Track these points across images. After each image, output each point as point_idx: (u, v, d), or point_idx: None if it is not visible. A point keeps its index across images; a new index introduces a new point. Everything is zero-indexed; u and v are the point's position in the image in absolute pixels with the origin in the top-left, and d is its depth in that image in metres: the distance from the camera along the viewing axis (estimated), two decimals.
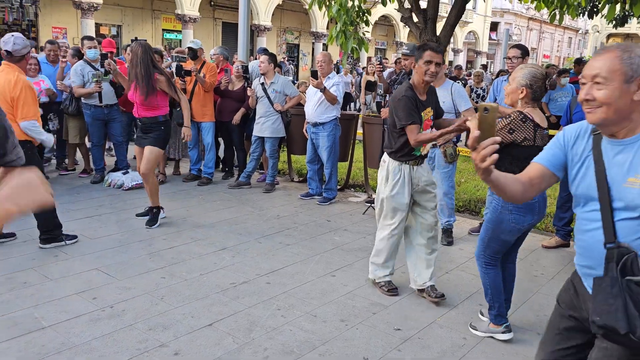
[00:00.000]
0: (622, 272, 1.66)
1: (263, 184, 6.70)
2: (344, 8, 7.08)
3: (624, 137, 1.73)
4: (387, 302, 3.64)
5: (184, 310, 3.37)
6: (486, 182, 1.79)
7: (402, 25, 30.66)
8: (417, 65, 3.56)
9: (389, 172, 3.72)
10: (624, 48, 1.69)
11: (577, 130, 1.88)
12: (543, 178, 1.92)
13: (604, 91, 1.67)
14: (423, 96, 3.63)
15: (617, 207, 1.71)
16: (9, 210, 1.23)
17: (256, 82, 6.43)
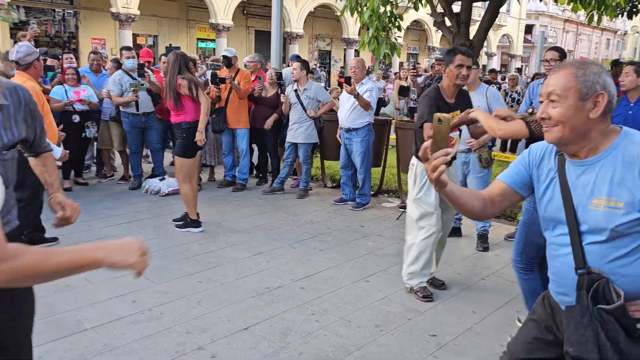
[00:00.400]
0: (594, 300, 1.60)
1: (296, 189, 6.75)
2: (376, 14, 7.10)
3: (585, 157, 1.68)
4: (422, 308, 3.61)
5: (220, 314, 3.43)
6: (441, 194, 1.77)
7: (435, 30, 30.44)
8: (448, 70, 3.59)
9: (417, 174, 3.74)
10: (579, 65, 1.65)
11: (543, 149, 1.83)
12: (505, 196, 1.88)
13: (559, 109, 1.63)
14: (451, 99, 3.64)
15: (583, 230, 1.66)
16: (97, 258, 1.25)
17: (289, 89, 6.49)
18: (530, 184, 1.84)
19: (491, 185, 1.93)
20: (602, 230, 1.61)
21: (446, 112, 3.54)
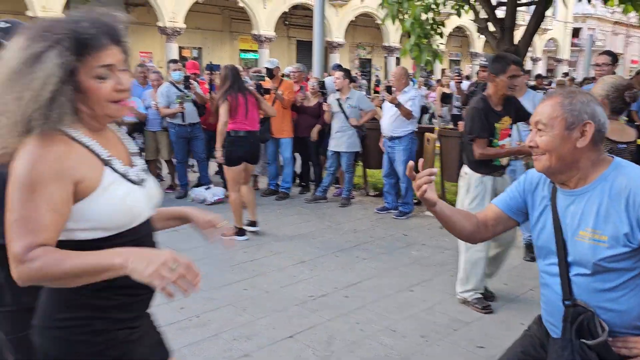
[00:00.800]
0: (578, 333, 1.56)
1: (339, 198, 6.76)
2: (418, 21, 7.08)
3: (575, 187, 1.65)
4: (469, 319, 3.55)
5: (265, 322, 3.47)
6: (431, 212, 1.76)
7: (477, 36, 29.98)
8: (499, 79, 3.49)
9: (470, 184, 3.67)
10: (567, 94, 1.62)
11: (539, 175, 1.79)
12: (499, 221, 1.85)
13: (545, 138, 1.62)
14: (498, 107, 3.57)
15: (570, 261, 1.63)
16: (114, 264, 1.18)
17: (332, 98, 6.54)
18: (525, 210, 1.82)
19: (486, 209, 1.91)
20: (587, 263, 1.59)
21: (496, 122, 3.50)
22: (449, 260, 4.70)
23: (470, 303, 3.71)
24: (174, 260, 1.17)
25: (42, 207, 1.22)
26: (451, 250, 4.95)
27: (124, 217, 1.35)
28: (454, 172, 5.90)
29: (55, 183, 1.24)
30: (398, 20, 7.37)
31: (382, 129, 6.12)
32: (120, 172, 1.38)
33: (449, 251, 4.94)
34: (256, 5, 21.33)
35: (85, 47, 1.27)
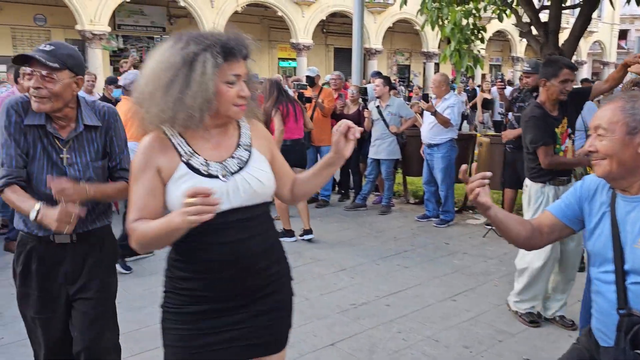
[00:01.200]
0: (633, 344, 1.50)
1: (379, 206, 6.74)
2: (458, 27, 6.99)
3: (636, 194, 1.59)
4: (514, 330, 3.47)
5: (307, 329, 3.48)
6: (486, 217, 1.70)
7: (519, 40, 29.38)
8: (550, 83, 3.36)
9: (531, 195, 3.52)
10: (629, 98, 1.57)
11: (597, 182, 1.73)
12: (554, 228, 1.79)
13: (605, 142, 1.57)
14: (554, 112, 3.46)
15: (627, 269, 1.57)
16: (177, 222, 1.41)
17: (372, 105, 6.53)
18: (582, 217, 1.77)
19: (541, 215, 1.86)
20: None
21: (555, 127, 3.39)
22: (492, 269, 4.62)
23: (519, 314, 3.59)
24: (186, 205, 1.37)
25: (140, 191, 1.57)
26: (494, 260, 4.86)
27: None
28: (497, 180, 5.79)
29: (146, 172, 1.57)
30: (438, 26, 7.32)
31: (422, 136, 6.07)
32: (195, 167, 1.58)
33: (492, 260, 4.85)
34: (295, 14, 21.56)
35: (227, 55, 1.53)
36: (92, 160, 2.08)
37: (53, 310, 2.14)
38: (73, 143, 2.07)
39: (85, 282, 2.14)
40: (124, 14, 19.48)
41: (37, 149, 2.02)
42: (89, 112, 2.10)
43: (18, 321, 3.48)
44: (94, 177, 2.09)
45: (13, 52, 17.72)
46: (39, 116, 2.01)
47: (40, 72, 1.92)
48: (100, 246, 2.20)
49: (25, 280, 2.12)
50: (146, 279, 4.34)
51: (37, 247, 2.09)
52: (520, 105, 5.31)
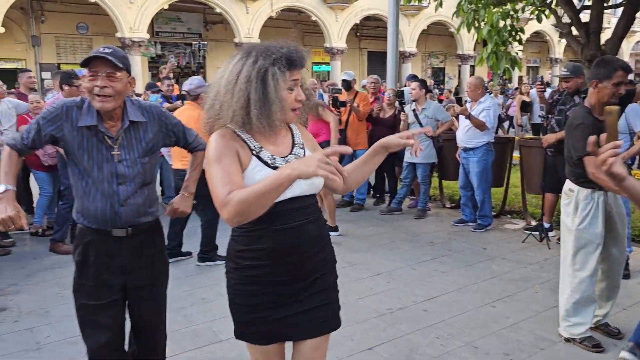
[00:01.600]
0: None
1: (414, 210, 6.68)
2: (495, 28, 6.89)
3: None
4: (557, 338, 3.38)
5: (344, 333, 3.47)
6: (620, 190, 1.61)
7: (557, 41, 28.73)
8: (602, 85, 3.16)
9: (578, 201, 3.28)
10: None
11: None
12: None
13: None
14: (601, 115, 3.33)
15: None
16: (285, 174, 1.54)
17: (407, 108, 6.49)
18: None
19: None
20: None
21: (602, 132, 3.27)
22: (532, 275, 4.52)
23: (577, 341, 3.28)
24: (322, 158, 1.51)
25: (226, 168, 1.69)
26: (534, 265, 4.75)
27: None
28: (537, 184, 5.68)
29: (228, 155, 1.72)
30: (474, 28, 7.22)
31: (457, 139, 6.00)
32: (264, 160, 1.76)
33: (532, 266, 4.74)
34: (328, 19, 21.63)
35: (290, 65, 1.72)
36: (139, 157, 2.20)
37: (108, 299, 2.23)
38: (122, 140, 2.19)
39: (142, 272, 2.28)
40: (161, 21, 19.95)
41: (92, 148, 2.14)
42: (134, 109, 2.22)
43: (65, 320, 3.61)
44: (141, 172, 2.21)
45: (57, 60, 18.38)
46: (91, 117, 2.13)
47: (105, 71, 2.05)
48: (153, 238, 2.34)
49: (82, 271, 2.23)
50: (186, 280, 4.42)
51: (95, 239, 2.20)
52: (561, 108, 5.19)
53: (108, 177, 2.14)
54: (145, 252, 2.30)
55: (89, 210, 2.17)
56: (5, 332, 3.50)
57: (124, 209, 2.18)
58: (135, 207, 2.21)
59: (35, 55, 18.07)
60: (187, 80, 4.98)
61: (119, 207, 2.17)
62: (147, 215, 2.28)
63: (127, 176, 2.17)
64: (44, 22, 18.10)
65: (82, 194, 2.18)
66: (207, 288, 4.27)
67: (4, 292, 4.18)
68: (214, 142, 1.75)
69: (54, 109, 2.15)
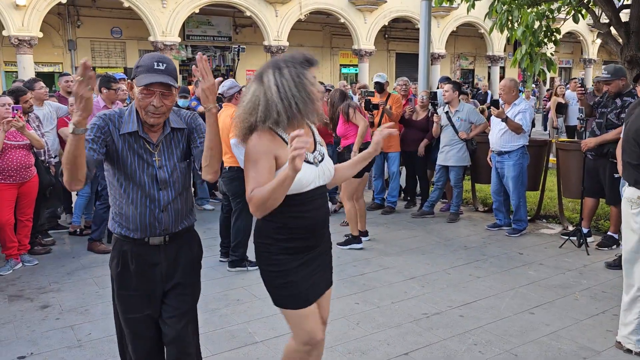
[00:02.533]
0: None
1: (446, 213, 6.61)
2: (530, 29, 6.76)
3: None
4: (600, 347, 3.29)
5: (379, 337, 3.45)
6: None
7: (591, 42, 28.08)
8: None
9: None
10: None
11: None
12: None
13: None
14: None
15: None
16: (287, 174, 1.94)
17: (441, 111, 6.43)
18: None
19: None
20: None
21: None
22: (572, 282, 4.41)
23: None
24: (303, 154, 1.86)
25: (261, 169, 2.07)
26: (573, 272, 4.64)
27: (295, 184, 2.02)
28: (575, 188, 5.55)
29: (267, 155, 2.09)
30: (507, 29, 7.10)
31: (491, 143, 5.90)
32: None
33: (571, 272, 4.63)
34: (357, 21, 21.59)
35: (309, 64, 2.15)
36: (178, 161, 2.22)
37: (152, 308, 2.24)
38: (162, 146, 2.20)
39: (179, 279, 2.26)
40: (192, 25, 20.23)
41: (134, 154, 2.15)
42: (174, 117, 2.24)
43: (104, 319, 3.68)
44: (180, 176, 2.23)
45: (92, 63, 18.73)
46: (132, 124, 2.14)
47: (161, 90, 2.08)
48: (189, 245, 2.33)
49: (124, 281, 2.22)
50: (220, 282, 4.46)
51: (133, 248, 2.20)
52: (603, 110, 5.07)
53: (149, 182, 2.15)
54: (183, 259, 2.29)
55: (128, 217, 2.16)
56: (49, 329, 3.59)
57: (164, 215, 2.18)
58: (174, 213, 2.21)
59: (71, 59, 18.53)
60: (222, 82, 5.04)
61: (159, 213, 2.18)
62: (184, 222, 2.28)
63: (167, 182, 2.18)
64: (80, 27, 18.56)
65: (122, 201, 2.17)
66: (241, 289, 4.30)
67: (46, 290, 4.29)
68: (254, 143, 2.11)
69: (98, 118, 2.14)
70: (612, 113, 4.94)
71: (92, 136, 2.08)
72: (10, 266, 4.69)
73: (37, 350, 3.29)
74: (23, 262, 4.83)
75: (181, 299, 2.28)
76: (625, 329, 3.22)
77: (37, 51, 16.36)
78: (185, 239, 2.31)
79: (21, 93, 4.94)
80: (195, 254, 2.37)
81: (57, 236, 5.74)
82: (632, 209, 3.20)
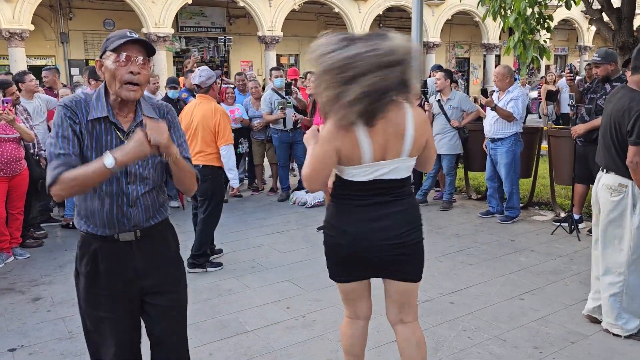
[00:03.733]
0: None
1: (439, 201, 6.62)
2: (523, 16, 6.74)
3: None
4: (588, 332, 3.31)
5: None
6: None
7: (586, 29, 28.01)
8: None
9: (636, 197, 3.10)
10: None
11: None
12: None
13: None
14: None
15: None
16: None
17: (432, 99, 6.42)
18: None
19: None
20: None
21: None
22: (562, 268, 4.43)
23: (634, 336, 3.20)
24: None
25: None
26: (564, 258, 4.67)
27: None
28: (566, 175, 5.56)
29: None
30: (500, 16, 7.08)
31: (485, 130, 5.90)
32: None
33: (562, 258, 4.65)
34: (351, 10, 21.49)
35: None
36: (151, 155, 1.94)
37: (124, 307, 2.08)
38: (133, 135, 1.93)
39: (157, 276, 2.10)
40: (186, 16, 20.08)
41: (102, 142, 1.97)
42: (147, 105, 2.09)
43: None
44: (152, 171, 2.04)
45: (85, 56, 18.68)
46: (102, 108, 1.97)
47: (140, 56, 1.93)
48: (164, 239, 2.17)
49: (93, 280, 2.05)
50: (212, 272, 4.47)
51: (103, 246, 2.02)
52: (592, 96, 5.07)
53: (117, 175, 1.94)
54: (158, 254, 2.11)
55: (94, 212, 1.98)
56: (40, 321, 3.60)
57: (133, 210, 2.00)
58: (144, 209, 2.04)
59: (64, 52, 18.41)
60: (195, 72, 4.57)
61: (128, 208, 1.99)
62: (156, 216, 2.10)
63: (137, 175, 2.00)
64: (72, 19, 18.41)
65: (86, 195, 1.98)
66: (233, 279, 4.31)
67: (37, 283, 4.29)
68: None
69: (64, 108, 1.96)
70: (601, 99, 4.93)
71: (68, 136, 1.90)
72: (1, 259, 4.69)
73: (28, 342, 3.30)
74: (15, 255, 4.83)
75: (163, 297, 2.12)
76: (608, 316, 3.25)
77: (28, 44, 16.24)
78: (159, 234, 2.13)
79: (7, 85, 4.91)
80: (171, 248, 2.20)
81: (49, 229, 5.73)
82: (612, 197, 3.18)
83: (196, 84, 4.50)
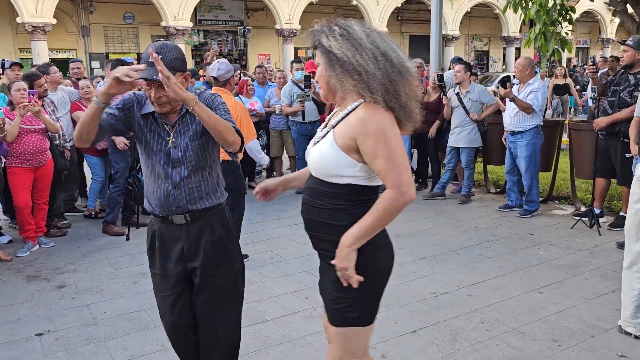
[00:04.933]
0: None
1: (458, 195, 6.60)
2: (544, 8, 6.68)
3: None
4: (608, 325, 3.30)
5: (388, 316, 3.50)
6: None
7: (609, 21, 27.50)
8: None
9: None
10: None
11: None
12: None
13: None
14: None
15: None
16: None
17: (451, 92, 6.39)
18: None
19: None
20: None
21: None
22: (582, 262, 4.40)
23: None
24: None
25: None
26: (584, 252, 4.63)
27: None
28: (587, 169, 5.51)
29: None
30: (521, 8, 7.00)
31: (505, 123, 5.86)
32: None
33: (582, 252, 4.62)
34: (369, 3, 21.39)
35: None
36: (190, 140, 2.24)
37: (173, 289, 2.32)
38: (179, 126, 2.26)
39: (198, 259, 2.29)
40: (204, 10, 20.20)
41: (154, 134, 2.26)
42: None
43: (118, 298, 3.78)
44: (192, 154, 2.25)
45: (105, 49, 18.92)
46: (150, 106, 2.24)
47: (157, 82, 2.10)
48: (210, 224, 2.32)
49: (151, 259, 2.37)
50: None
51: (160, 227, 2.32)
52: (615, 89, 5.00)
53: (165, 160, 2.24)
54: (204, 240, 2.30)
55: (150, 193, 2.29)
56: (65, 307, 3.69)
57: (177, 192, 2.23)
58: (188, 191, 2.25)
59: (85, 45, 18.67)
60: (213, 64, 4.46)
61: (172, 190, 2.24)
62: (202, 201, 2.28)
63: (180, 160, 2.24)
64: (93, 13, 18.65)
65: (147, 178, 2.31)
66: (252, 270, 4.36)
67: (62, 271, 4.40)
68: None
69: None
70: (624, 91, 4.86)
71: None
72: (27, 248, 4.81)
73: (54, 327, 3.40)
74: (40, 244, 4.94)
75: (205, 280, 2.30)
76: (625, 311, 3.20)
77: (51, 37, 16.50)
78: (207, 219, 2.31)
79: (35, 77, 5.02)
80: (217, 235, 2.33)
81: (73, 219, 5.86)
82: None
83: (213, 77, 4.43)
